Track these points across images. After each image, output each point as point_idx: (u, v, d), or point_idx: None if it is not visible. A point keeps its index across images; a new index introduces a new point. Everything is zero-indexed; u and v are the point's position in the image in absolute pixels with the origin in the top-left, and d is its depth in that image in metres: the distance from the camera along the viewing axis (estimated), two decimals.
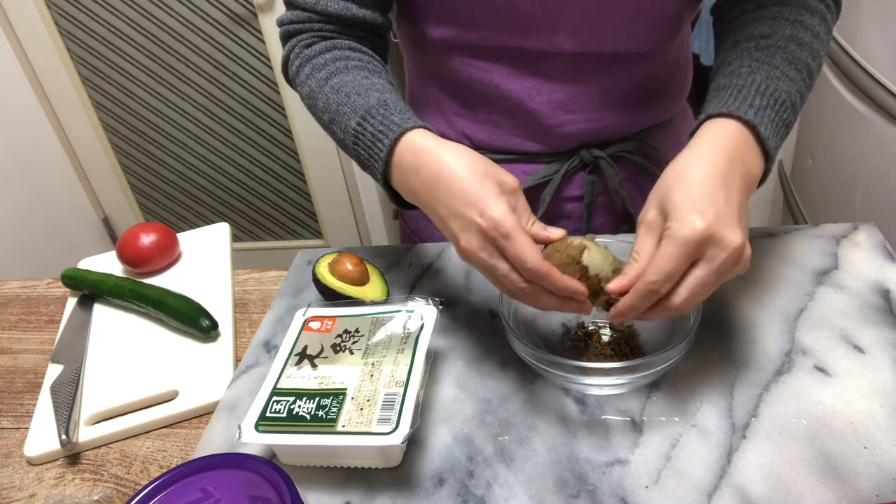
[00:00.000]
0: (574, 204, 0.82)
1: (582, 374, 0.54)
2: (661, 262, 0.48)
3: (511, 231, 0.50)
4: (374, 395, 0.54)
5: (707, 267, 0.48)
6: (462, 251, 0.53)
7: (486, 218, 0.50)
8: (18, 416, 0.71)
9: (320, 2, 0.68)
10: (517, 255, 0.50)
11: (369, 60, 0.69)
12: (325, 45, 0.68)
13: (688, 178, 0.50)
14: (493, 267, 0.52)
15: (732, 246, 0.48)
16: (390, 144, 0.58)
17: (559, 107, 0.74)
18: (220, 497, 0.45)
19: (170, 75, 2.09)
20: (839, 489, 0.49)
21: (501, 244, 0.50)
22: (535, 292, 0.51)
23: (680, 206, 0.49)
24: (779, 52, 0.59)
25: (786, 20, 0.61)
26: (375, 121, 0.59)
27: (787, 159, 1.73)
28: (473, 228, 0.51)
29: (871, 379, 0.57)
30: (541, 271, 0.49)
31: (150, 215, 2.43)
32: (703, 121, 0.56)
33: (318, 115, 0.67)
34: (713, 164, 0.51)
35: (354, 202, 2.24)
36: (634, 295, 0.49)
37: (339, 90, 0.64)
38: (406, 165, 0.57)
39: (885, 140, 1.14)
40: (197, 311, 0.76)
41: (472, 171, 0.53)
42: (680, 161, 0.53)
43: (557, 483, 0.52)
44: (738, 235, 0.48)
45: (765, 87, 0.56)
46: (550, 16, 0.67)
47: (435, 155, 0.55)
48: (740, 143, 0.53)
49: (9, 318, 0.87)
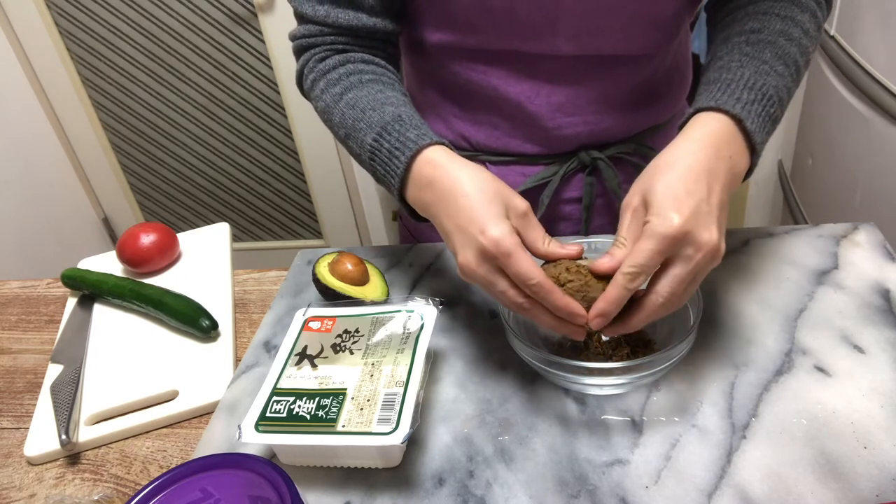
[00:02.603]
0: (573, 206, 0.82)
1: (582, 374, 0.54)
2: (637, 256, 0.49)
3: (512, 250, 0.50)
4: (374, 395, 0.54)
5: (683, 266, 0.49)
6: (460, 267, 0.53)
7: (487, 237, 0.51)
8: (18, 416, 0.71)
9: (330, 14, 0.68)
10: (519, 273, 0.50)
11: (383, 73, 0.69)
12: (338, 58, 0.69)
13: (673, 170, 0.51)
14: (491, 284, 0.52)
15: (708, 246, 0.49)
16: (406, 161, 0.58)
17: (558, 109, 0.74)
18: (220, 497, 0.45)
19: (170, 75, 2.09)
20: (839, 489, 0.49)
21: (503, 262, 0.51)
22: (533, 308, 0.52)
23: (661, 199, 0.50)
24: (768, 48, 0.59)
25: (777, 16, 0.61)
26: (391, 137, 0.60)
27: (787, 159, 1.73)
28: (473, 245, 0.52)
29: (871, 379, 0.57)
30: (545, 288, 0.50)
31: (150, 215, 2.43)
32: (691, 114, 0.57)
33: (335, 130, 0.68)
34: (699, 157, 0.52)
35: (354, 202, 2.24)
36: (614, 287, 0.50)
37: (354, 105, 0.64)
38: (421, 180, 0.57)
39: (885, 140, 1.14)
40: (197, 311, 0.76)
41: (480, 191, 0.53)
42: (667, 153, 0.53)
43: (557, 483, 0.52)
44: (714, 234, 0.49)
45: (753, 81, 0.57)
46: (549, 19, 0.67)
47: (448, 171, 0.56)
48: (728, 138, 0.54)
49: (9, 318, 0.87)
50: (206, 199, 2.35)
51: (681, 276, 0.49)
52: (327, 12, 0.68)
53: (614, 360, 0.60)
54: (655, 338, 0.61)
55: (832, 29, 1.31)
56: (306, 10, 0.69)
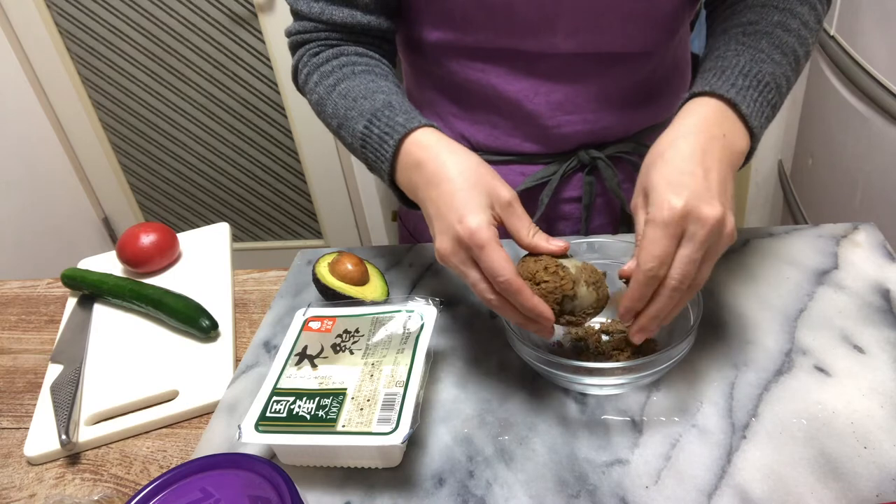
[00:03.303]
0: (572, 205, 0.82)
1: (582, 374, 0.54)
2: (649, 247, 0.49)
3: (486, 242, 0.50)
4: (374, 395, 0.54)
5: (691, 244, 0.49)
6: (437, 252, 0.54)
7: (463, 226, 0.51)
8: (18, 416, 0.71)
9: (325, 11, 0.68)
10: (490, 268, 0.50)
11: (376, 64, 0.69)
12: (332, 52, 0.69)
13: (666, 157, 0.51)
14: (463, 274, 0.52)
15: (711, 220, 0.48)
16: (395, 145, 0.58)
17: (557, 107, 0.74)
18: (220, 497, 0.45)
19: (170, 75, 2.09)
20: (839, 489, 0.49)
21: (476, 254, 0.51)
22: (502, 305, 0.52)
23: (657, 186, 0.50)
24: (765, 38, 0.59)
25: (775, 8, 0.61)
26: (381, 123, 0.60)
27: (787, 159, 1.73)
28: (450, 233, 0.52)
29: (871, 379, 0.57)
30: (513, 287, 0.50)
31: (150, 215, 2.43)
32: (686, 100, 0.57)
33: (328, 121, 0.68)
34: (692, 141, 0.52)
35: (354, 202, 2.24)
36: (635, 286, 0.50)
37: (346, 95, 0.65)
38: (409, 162, 0.58)
39: (885, 140, 1.14)
40: (197, 311, 0.76)
41: (464, 177, 0.53)
42: (661, 142, 0.53)
43: (557, 483, 0.52)
44: (717, 209, 0.48)
45: (748, 68, 0.57)
46: (548, 17, 0.67)
47: (436, 153, 0.56)
48: (719, 118, 0.54)
49: (9, 318, 0.87)
50: (206, 199, 2.35)
51: (689, 256, 0.48)
52: (322, 9, 0.68)
53: (614, 360, 0.60)
54: (655, 338, 0.61)
55: (832, 29, 1.31)
56: (301, 6, 0.69)
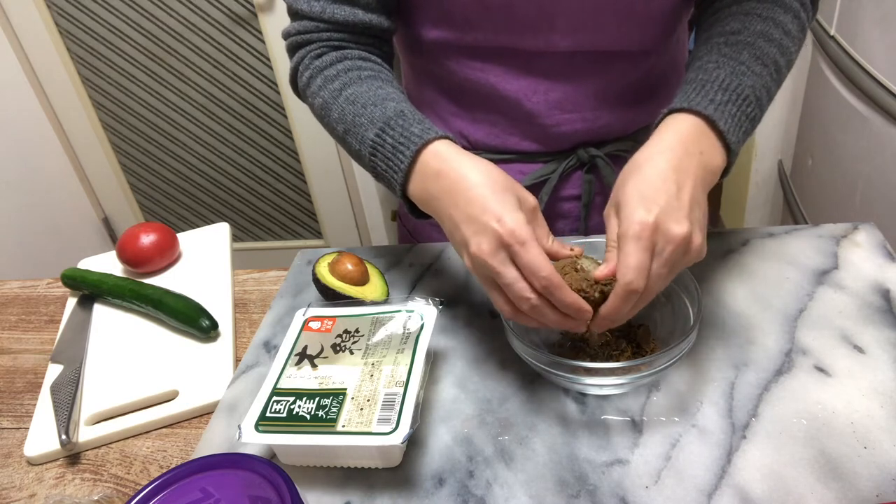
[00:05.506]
0: (572, 203, 0.82)
1: (582, 374, 0.54)
2: (627, 260, 0.49)
3: (527, 239, 0.50)
4: (374, 395, 0.54)
5: (658, 259, 0.50)
6: (472, 255, 0.53)
7: (504, 224, 0.51)
8: (18, 416, 0.71)
9: (326, 10, 0.68)
10: (531, 263, 0.50)
11: (381, 70, 0.69)
12: (335, 55, 0.68)
13: (641, 172, 0.52)
14: (501, 274, 0.51)
15: (678, 238, 0.49)
16: (412, 155, 0.58)
17: (556, 106, 0.74)
18: (220, 497, 0.45)
19: (170, 75, 2.09)
20: (839, 489, 0.49)
21: (516, 250, 0.50)
22: (540, 304, 0.51)
23: (630, 200, 0.51)
24: (746, 49, 0.60)
25: (758, 16, 0.62)
26: (395, 132, 0.60)
27: (787, 159, 1.73)
28: (488, 233, 0.51)
29: (871, 379, 0.57)
30: (554, 282, 0.50)
31: (150, 215, 2.43)
32: (664, 115, 0.57)
33: (332, 126, 0.67)
34: (667, 157, 0.52)
35: (354, 202, 2.24)
36: (615, 299, 0.51)
37: (353, 101, 0.64)
38: (428, 173, 0.57)
39: (885, 140, 1.14)
40: (197, 311, 0.76)
41: (492, 180, 0.54)
42: (638, 156, 0.54)
43: (557, 483, 0.52)
44: (684, 226, 0.49)
45: (728, 82, 0.57)
46: (546, 15, 0.67)
47: (458, 163, 0.56)
48: (697, 136, 0.55)
49: (9, 318, 0.87)
50: (206, 199, 2.35)
51: (656, 271, 0.50)
52: (323, 8, 0.68)
53: (614, 360, 0.60)
54: (656, 338, 0.61)
55: (832, 29, 1.31)
56: (301, 6, 0.69)
